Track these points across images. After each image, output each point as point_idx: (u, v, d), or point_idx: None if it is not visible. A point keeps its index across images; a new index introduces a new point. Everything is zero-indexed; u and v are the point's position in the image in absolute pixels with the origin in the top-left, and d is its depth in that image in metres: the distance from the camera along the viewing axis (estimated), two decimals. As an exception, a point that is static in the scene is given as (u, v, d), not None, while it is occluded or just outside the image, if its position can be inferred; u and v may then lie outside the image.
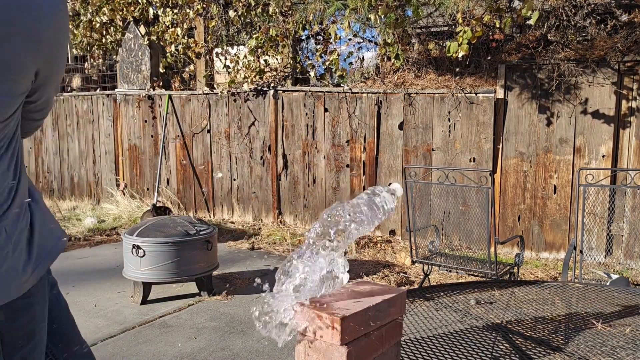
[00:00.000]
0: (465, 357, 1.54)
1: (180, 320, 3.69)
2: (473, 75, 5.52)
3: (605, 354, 1.58)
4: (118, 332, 3.48)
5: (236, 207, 6.91)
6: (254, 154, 6.69)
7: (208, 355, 3.14)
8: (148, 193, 7.51)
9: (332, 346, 0.96)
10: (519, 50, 5.44)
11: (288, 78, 6.71)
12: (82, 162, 8.15)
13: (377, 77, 6.11)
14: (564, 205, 5.05)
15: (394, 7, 4.93)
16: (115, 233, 6.35)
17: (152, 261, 3.87)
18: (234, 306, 3.97)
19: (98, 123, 7.93)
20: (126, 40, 7.67)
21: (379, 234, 5.94)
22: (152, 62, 7.46)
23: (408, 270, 4.88)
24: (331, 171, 6.17)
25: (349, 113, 5.97)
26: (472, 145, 5.35)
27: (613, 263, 4.81)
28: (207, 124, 6.98)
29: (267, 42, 6.46)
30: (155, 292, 4.17)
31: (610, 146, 4.83)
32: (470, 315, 1.92)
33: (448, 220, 5.50)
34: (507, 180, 5.26)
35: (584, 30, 5.18)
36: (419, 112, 5.60)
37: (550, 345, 1.64)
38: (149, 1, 7.69)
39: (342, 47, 6.52)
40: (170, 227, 4.02)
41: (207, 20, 7.37)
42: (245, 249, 5.72)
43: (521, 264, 3.97)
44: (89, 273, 4.81)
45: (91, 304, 4.01)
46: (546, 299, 2.12)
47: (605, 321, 1.84)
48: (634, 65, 4.71)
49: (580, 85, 4.90)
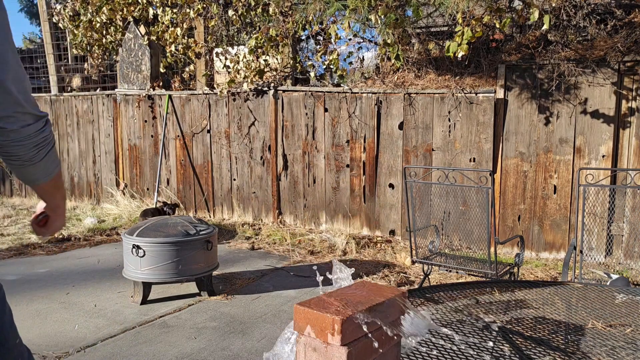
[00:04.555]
0: (466, 357, 1.54)
1: (181, 320, 3.69)
2: (473, 75, 5.52)
3: (605, 354, 1.58)
4: (118, 332, 3.48)
5: (236, 207, 6.90)
6: (254, 154, 6.69)
7: (208, 355, 3.14)
8: (148, 193, 7.51)
9: (332, 347, 0.96)
10: (519, 50, 5.43)
11: (288, 78, 6.71)
12: (82, 162, 8.15)
13: (377, 77, 6.11)
14: (564, 205, 5.05)
15: (393, 7, 4.93)
16: (115, 233, 6.35)
17: (152, 261, 3.87)
18: (234, 306, 3.97)
19: (98, 123, 7.93)
20: (126, 40, 7.67)
21: (379, 234, 5.94)
22: (152, 62, 7.46)
23: (408, 270, 4.88)
24: (331, 171, 6.17)
25: (349, 113, 5.97)
26: (472, 145, 5.35)
27: (613, 263, 4.81)
28: (207, 124, 6.98)
29: (267, 42, 6.46)
30: (155, 292, 4.17)
31: (610, 146, 4.83)
32: (470, 315, 1.92)
33: (448, 220, 5.50)
34: (507, 180, 5.26)
35: (584, 30, 5.18)
36: (419, 112, 5.60)
37: (550, 345, 1.64)
38: (149, 1, 7.69)
39: (342, 47, 6.52)
40: (170, 227, 4.02)
41: (207, 20, 7.36)
42: (245, 249, 5.72)
43: (521, 264, 3.97)
44: (89, 273, 4.81)
45: (91, 304, 4.01)
46: (546, 299, 2.12)
47: (605, 321, 1.84)
48: (634, 65, 4.71)
49: (580, 85, 4.90)
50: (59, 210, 1.42)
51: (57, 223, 1.44)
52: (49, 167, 1.28)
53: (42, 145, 1.21)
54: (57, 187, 1.38)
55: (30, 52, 11.83)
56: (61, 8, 8.59)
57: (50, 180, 1.31)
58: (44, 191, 1.36)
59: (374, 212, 5.96)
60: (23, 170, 1.24)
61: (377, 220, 5.95)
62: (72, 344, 3.29)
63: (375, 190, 5.93)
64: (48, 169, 1.27)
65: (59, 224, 1.45)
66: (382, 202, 5.90)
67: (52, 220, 1.43)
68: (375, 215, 5.95)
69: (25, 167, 1.23)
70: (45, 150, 1.23)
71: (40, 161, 1.22)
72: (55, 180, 1.33)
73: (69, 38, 9.04)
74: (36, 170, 1.25)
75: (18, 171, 1.25)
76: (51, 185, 1.34)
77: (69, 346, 3.26)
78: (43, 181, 1.30)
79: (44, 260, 5.29)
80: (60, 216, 1.44)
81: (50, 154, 1.25)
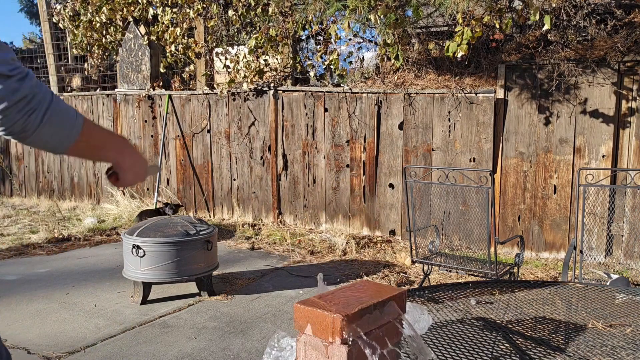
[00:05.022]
0: (466, 357, 1.54)
1: (180, 320, 3.69)
2: (473, 75, 5.52)
3: (605, 354, 1.58)
4: (118, 332, 3.48)
5: (236, 207, 6.90)
6: (254, 154, 6.69)
7: (208, 355, 3.14)
8: (148, 193, 7.51)
9: (332, 345, 0.96)
10: (519, 50, 5.44)
11: (288, 78, 6.71)
12: (82, 162, 8.15)
13: (377, 77, 6.11)
14: (564, 205, 5.05)
15: (393, 7, 4.93)
16: (115, 233, 6.35)
17: (152, 261, 3.87)
18: (234, 306, 3.97)
19: (98, 123, 7.93)
20: (126, 40, 7.67)
21: (379, 234, 5.94)
22: (152, 62, 7.46)
23: (408, 270, 4.88)
24: (331, 171, 6.17)
25: (349, 113, 5.97)
26: (472, 145, 5.35)
27: (613, 263, 4.81)
28: (207, 124, 6.98)
29: (267, 42, 6.46)
30: (155, 292, 4.17)
31: (610, 146, 4.83)
32: (470, 315, 1.92)
33: (448, 220, 5.50)
34: (507, 180, 5.26)
35: (584, 30, 5.18)
36: (419, 112, 5.60)
37: (550, 345, 1.64)
38: (149, 1, 7.69)
39: (342, 47, 6.52)
40: (170, 227, 4.02)
41: (207, 20, 7.36)
42: (245, 249, 5.72)
43: (521, 264, 3.97)
44: (89, 273, 4.81)
45: (91, 304, 4.01)
46: (546, 299, 2.12)
47: (605, 321, 1.84)
48: (634, 65, 4.72)
49: (580, 85, 4.90)
50: (122, 165, 1.21)
51: (128, 176, 1.23)
52: (61, 129, 1.04)
53: (28, 109, 0.98)
54: (95, 144, 1.14)
55: (30, 52, 11.83)
56: (61, 8, 8.59)
57: (78, 142, 1.07)
58: (81, 153, 1.13)
59: (374, 212, 5.96)
60: (31, 142, 1.03)
61: (377, 220, 5.95)
62: (72, 344, 3.29)
63: (375, 190, 5.93)
64: (60, 131, 1.04)
65: (130, 177, 1.24)
66: (382, 202, 5.90)
67: (121, 175, 1.23)
68: (375, 215, 5.95)
69: (29, 138, 1.01)
70: (38, 113, 0.99)
71: (39, 127, 1.00)
72: (85, 138, 1.09)
73: (69, 38, 9.05)
74: (46, 138, 1.03)
75: (27, 143, 1.04)
76: (84, 145, 1.09)
77: (69, 346, 3.26)
78: (67, 145, 1.06)
79: (44, 260, 5.28)
80: (127, 170, 1.22)
81: (52, 114, 1.01)
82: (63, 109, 1.04)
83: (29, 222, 6.94)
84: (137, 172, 1.25)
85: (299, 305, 1.01)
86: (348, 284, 1.14)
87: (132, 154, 1.23)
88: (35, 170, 8.71)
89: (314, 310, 0.98)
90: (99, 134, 1.16)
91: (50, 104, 1.01)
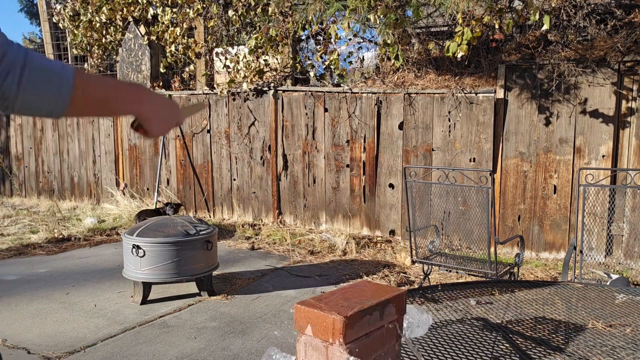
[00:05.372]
0: (466, 357, 1.54)
1: (180, 320, 3.69)
2: (473, 75, 5.52)
3: (605, 354, 1.58)
4: (118, 332, 3.47)
5: (236, 207, 6.90)
6: (254, 154, 6.69)
7: (208, 355, 3.14)
8: (148, 193, 7.51)
9: (332, 346, 0.96)
10: (519, 50, 5.44)
11: (288, 78, 6.71)
12: (82, 162, 8.15)
13: (377, 77, 6.11)
14: (564, 205, 5.05)
15: (393, 7, 4.93)
16: (115, 233, 6.35)
17: (152, 261, 3.87)
18: (234, 306, 3.97)
19: (98, 123, 7.93)
20: (126, 40, 7.67)
21: (379, 234, 5.94)
22: (152, 62, 7.46)
23: (408, 270, 4.89)
24: (331, 171, 6.17)
25: (349, 113, 5.97)
26: (472, 145, 5.35)
27: (613, 263, 4.81)
28: (207, 124, 6.98)
29: (267, 42, 6.46)
30: (155, 292, 4.17)
31: (610, 146, 4.83)
32: (470, 315, 1.92)
33: (448, 220, 5.50)
34: (507, 180, 5.26)
35: (584, 30, 5.18)
36: (419, 112, 5.60)
37: (550, 345, 1.64)
38: (149, 1, 7.69)
39: (342, 47, 6.52)
40: (170, 227, 4.02)
41: (207, 20, 7.36)
42: (245, 249, 5.72)
43: (521, 264, 3.97)
44: (89, 273, 4.81)
45: (91, 304, 4.01)
46: (546, 299, 2.12)
47: (605, 321, 1.84)
48: (634, 65, 4.72)
49: (580, 85, 4.90)
50: (143, 114, 1.08)
51: (153, 126, 1.10)
52: (48, 87, 0.90)
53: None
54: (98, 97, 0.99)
55: (30, 52, 11.81)
56: (61, 8, 8.59)
57: (74, 99, 0.94)
58: (84, 111, 1.00)
59: (374, 212, 5.96)
60: (20, 109, 0.91)
61: (377, 220, 5.95)
62: (72, 344, 3.29)
63: (375, 190, 5.93)
64: (48, 90, 0.90)
65: (156, 127, 1.11)
66: (382, 202, 5.90)
67: (145, 126, 1.11)
68: (375, 215, 5.95)
69: (15, 105, 0.89)
70: (14, 75, 0.86)
71: (20, 90, 0.87)
72: (81, 92, 0.95)
73: (69, 38, 9.05)
74: (34, 101, 0.90)
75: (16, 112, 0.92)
76: (82, 101, 0.96)
77: (69, 346, 3.26)
78: (63, 104, 0.93)
79: (44, 260, 5.28)
80: (150, 120, 1.09)
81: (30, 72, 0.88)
82: (44, 64, 0.90)
83: (29, 222, 6.94)
84: (165, 119, 1.12)
85: (300, 306, 1.01)
86: (348, 285, 1.14)
87: (152, 100, 1.09)
88: (35, 170, 8.71)
89: (314, 311, 0.98)
90: (99, 85, 1.00)
91: (26, 62, 0.88)
